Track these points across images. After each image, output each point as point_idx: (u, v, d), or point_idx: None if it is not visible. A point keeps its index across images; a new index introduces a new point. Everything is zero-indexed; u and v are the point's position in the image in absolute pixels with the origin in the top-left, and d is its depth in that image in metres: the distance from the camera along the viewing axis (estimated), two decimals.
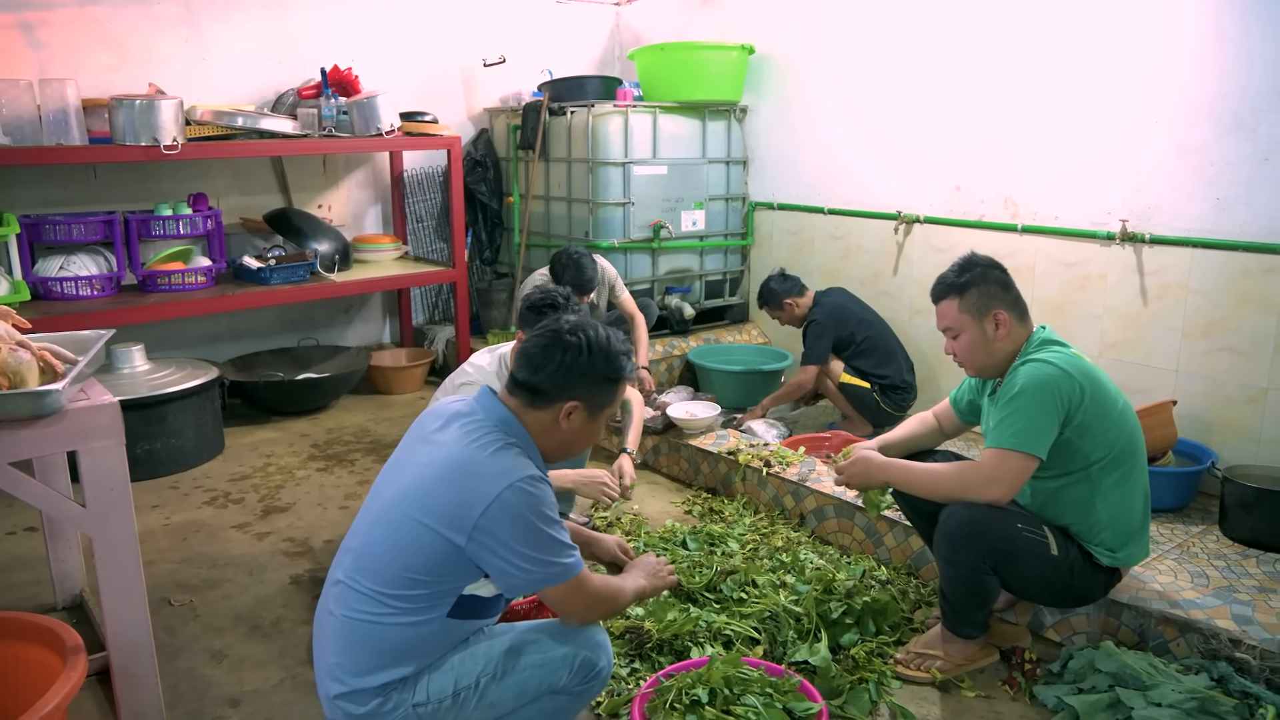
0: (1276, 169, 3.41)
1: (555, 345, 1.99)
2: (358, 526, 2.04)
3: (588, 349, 1.98)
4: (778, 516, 3.56)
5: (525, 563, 1.86)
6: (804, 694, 2.30)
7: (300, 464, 4.27)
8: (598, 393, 2.02)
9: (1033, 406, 2.36)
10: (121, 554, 2.30)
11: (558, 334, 2.01)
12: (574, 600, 1.97)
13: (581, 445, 2.10)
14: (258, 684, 2.65)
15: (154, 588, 3.17)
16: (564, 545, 1.92)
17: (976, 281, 2.51)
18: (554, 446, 2.05)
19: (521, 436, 1.99)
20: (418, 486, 1.93)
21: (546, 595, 1.95)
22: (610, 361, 2.01)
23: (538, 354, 1.99)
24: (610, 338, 2.04)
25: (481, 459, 1.90)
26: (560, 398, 1.98)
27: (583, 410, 2.01)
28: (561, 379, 1.97)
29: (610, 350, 2.02)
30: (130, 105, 4.16)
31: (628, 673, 2.58)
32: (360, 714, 1.95)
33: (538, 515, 1.87)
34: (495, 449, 1.92)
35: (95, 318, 4.17)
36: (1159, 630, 2.57)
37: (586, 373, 1.98)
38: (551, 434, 2.02)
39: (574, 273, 4.04)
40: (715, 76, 5.06)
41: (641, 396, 3.62)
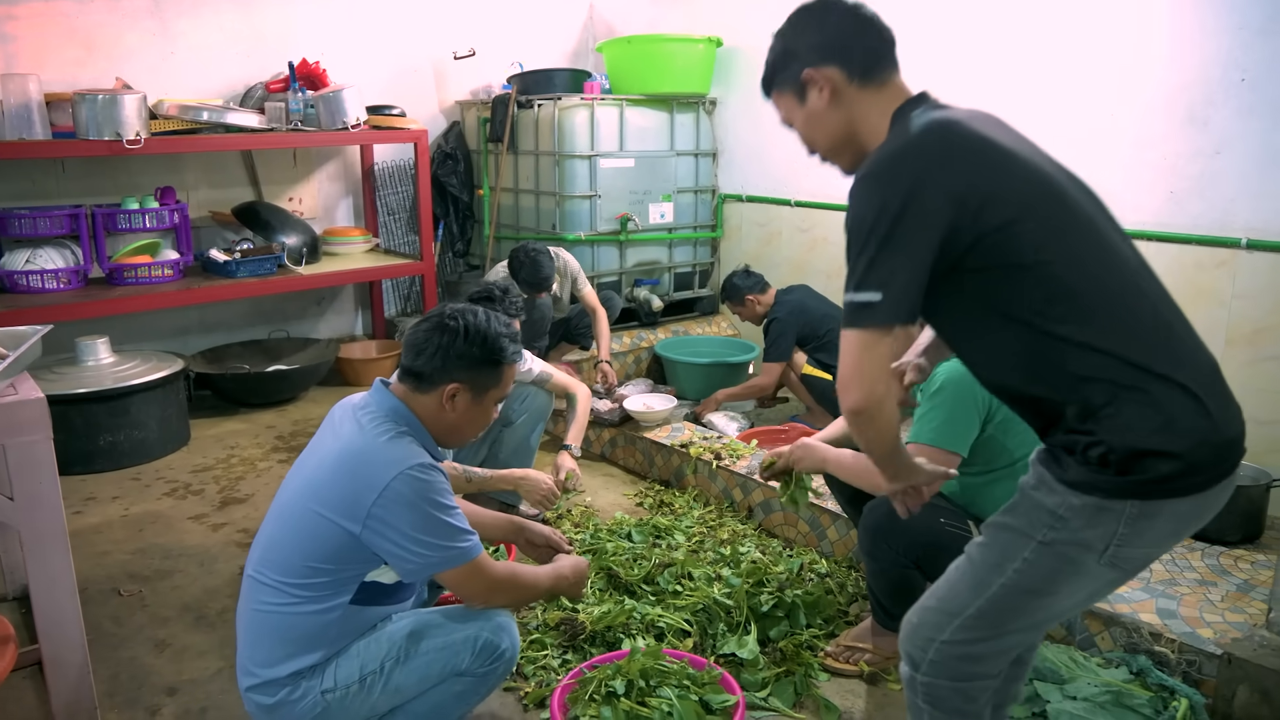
0: (1228, 162, 3.41)
1: (435, 330, 2.04)
2: (265, 521, 2.07)
3: (465, 332, 2.02)
4: (726, 509, 3.58)
5: (420, 548, 1.91)
6: (723, 686, 2.32)
7: (263, 456, 4.30)
8: (479, 375, 2.05)
9: (953, 403, 2.37)
10: (50, 546, 2.31)
11: (439, 319, 2.06)
12: (472, 584, 2.01)
13: (473, 428, 2.13)
14: (196, 673, 2.68)
15: (106, 578, 3.21)
16: (459, 530, 1.96)
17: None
18: (444, 431, 2.09)
19: (413, 424, 2.03)
20: (315, 478, 1.98)
21: (445, 579, 1.99)
22: (488, 344, 2.05)
23: (419, 339, 2.05)
24: (491, 320, 2.08)
25: (373, 448, 1.94)
26: (441, 381, 2.03)
27: (466, 393, 2.05)
28: (440, 362, 2.02)
29: (488, 333, 2.05)
30: (93, 100, 4.18)
31: (559, 664, 2.60)
32: (270, 704, 1.99)
33: (429, 501, 1.91)
34: (388, 438, 1.96)
35: (62, 310, 4.21)
36: (1085, 624, 2.58)
37: (464, 355, 2.02)
38: (440, 418, 2.06)
39: (530, 270, 4.06)
40: (682, 69, 5.06)
41: (588, 390, 3.63)
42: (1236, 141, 3.37)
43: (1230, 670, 2.25)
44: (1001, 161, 1.58)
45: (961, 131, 1.59)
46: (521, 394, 3.50)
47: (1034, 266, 1.53)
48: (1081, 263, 1.55)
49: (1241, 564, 2.94)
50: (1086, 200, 1.64)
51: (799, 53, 1.76)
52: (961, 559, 1.71)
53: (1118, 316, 1.54)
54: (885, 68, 1.74)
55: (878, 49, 1.74)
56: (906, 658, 1.74)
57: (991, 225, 1.52)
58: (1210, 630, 2.44)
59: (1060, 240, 1.55)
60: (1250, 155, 3.35)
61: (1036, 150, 1.67)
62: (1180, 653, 2.38)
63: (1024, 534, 1.59)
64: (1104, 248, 1.58)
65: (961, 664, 1.68)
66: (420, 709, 2.07)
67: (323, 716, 2.00)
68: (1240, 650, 2.25)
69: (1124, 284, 1.57)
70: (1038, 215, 1.54)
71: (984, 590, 1.63)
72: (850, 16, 1.74)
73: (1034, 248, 1.53)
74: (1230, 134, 3.38)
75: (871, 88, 1.73)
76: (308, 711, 1.98)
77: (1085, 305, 1.53)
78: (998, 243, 1.53)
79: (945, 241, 1.53)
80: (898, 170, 1.54)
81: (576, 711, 2.28)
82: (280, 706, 1.99)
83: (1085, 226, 1.58)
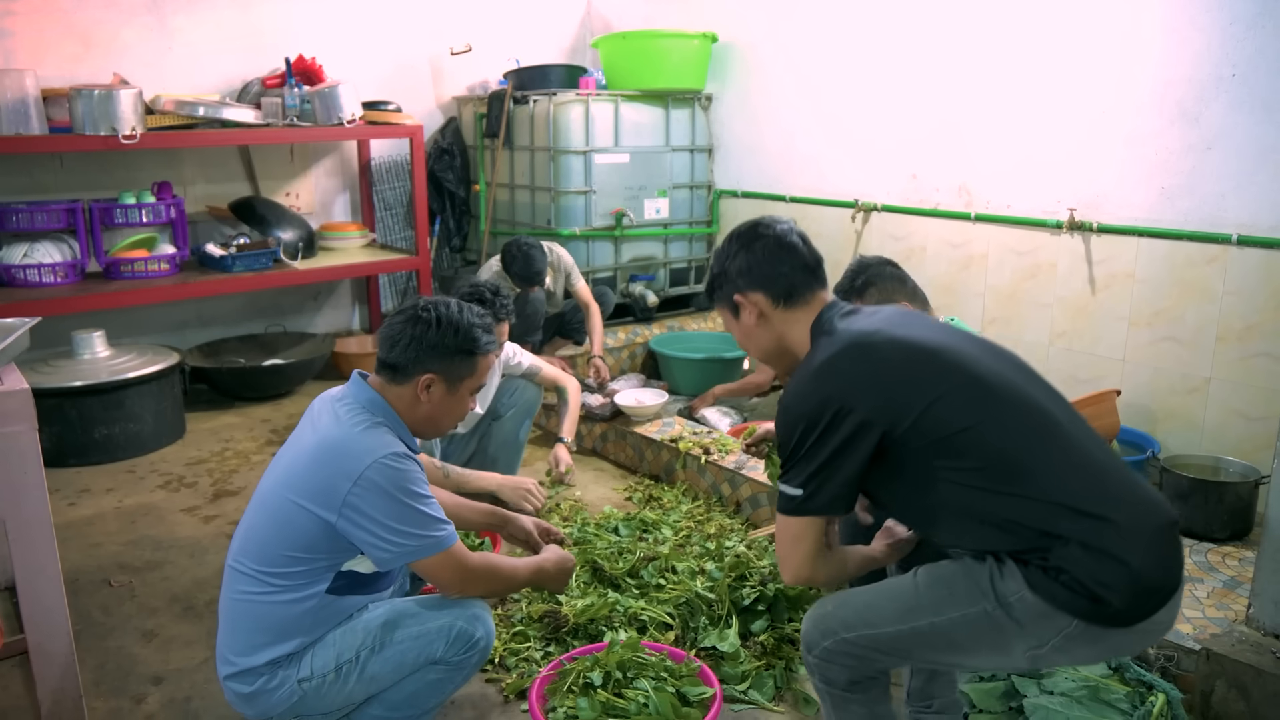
0: (1219, 158, 3.40)
1: (409, 322, 2.06)
2: (245, 511, 2.09)
3: (438, 323, 2.05)
4: (715, 504, 3.59)
5: (394, 536, 1.93)
6: (702, 679, 2.33)
7: (257, 449, 4.32)
8: (453, 365, 2.07)
9: None
10: (35, 536, 2.33)
11: (413, 311, 2.08)
12: (447, 573, 2.03)
13: (449, 419, 2.15)
14: (182, 663, 2.71)
15: (97, 569, 3.24)
16: (433, 519, 1.98)
17: (874, 280, 2.52)
18: (420, 421, 2.11)
19: (388, 415, 2.05)
20: (292, 469, 2.00)
21: (420, 568, 2.02)
22: (461, 334, 2.07)
23: (394, 332, 2.07)
24: (465, 312, 2.10)
25: (349, 438, 1.96)
26: (415, 372, 2.05)
27: (441, 383, 2.07)
28: (414, 353, 2.04)
29: (462, 324, 2.07)
30: (89, 95, 4.21)
31: (541, 655, 2.62)
32: (248, 693, 2.01)
33: (402, 491, 1.93)
34: (363, 428, 1.98)
35: (58, 304, 4.24)
36: None
37: (437, 346, 2.04)
38: (415, 409, 2.08)
39: (522, 264, 4.07)
40: (677, 65, 5.06)
41: (578, 384, 3.64)
42: (1227, 137, 3.36)
43: (1208, 665, 2.25)
44: (915, 358, 1.74)
45: (874, 343, 1.75)
46: (510, 388, 3.51)
47: (961, 437, 1.67)
48: (1006, 426, 1.68)
49: (1229, 560, 2.94)
50: (1007, 368, 1.78)
51: (730, 276, 1.92)
52: (904, 581, 1.79)
53: (1050, 467, 1.66)
54: (807, 291, 1.89)
55: (800, 276, 1.88)
56: (804, 639, 1.86)
57: (913, 416, 1.68)
58: (1190, 626, 2.45)
59: (983, 410, 1.69)
60: (1241, 151, 3.33)
61: (949, 332, 1.84)
62: (1159, 648, 2.38)
63: (972, 596, 1.70)
64: (1028, 408, 1.71)
65: (853, 660, 1.81)
66: (396, 697, 2.09)
67: (299, 705, 2.02)
68: (1218, 646, 2.25)
69: (1052, 436, 1.69)
70: (958, 395, 1.69)
71: (910, 621, 1.75)
72: (775, 246, 1.89)
73: (959, 424, 1.67)
74: (1221, 130, 3.37)
75: (795, 308, 1.88)
76: (284, 700, 2.01)
77: (1016, 462, 1.66)
78: (923, 428, 1.68)
79: (869, 443, 1.68)
80: (817, 393, 1.72)
81: (555, 703, 2.29)
82: (258, 695, 2.01)
83: (1005, 392, 1.72)
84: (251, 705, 2.03)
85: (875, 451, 1.69)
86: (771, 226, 1.91)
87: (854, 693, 1.84)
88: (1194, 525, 3.12)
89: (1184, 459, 3.31)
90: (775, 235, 1.89)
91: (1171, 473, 3.18)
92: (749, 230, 1.93)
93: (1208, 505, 3.10)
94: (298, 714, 2.05)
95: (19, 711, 2.51)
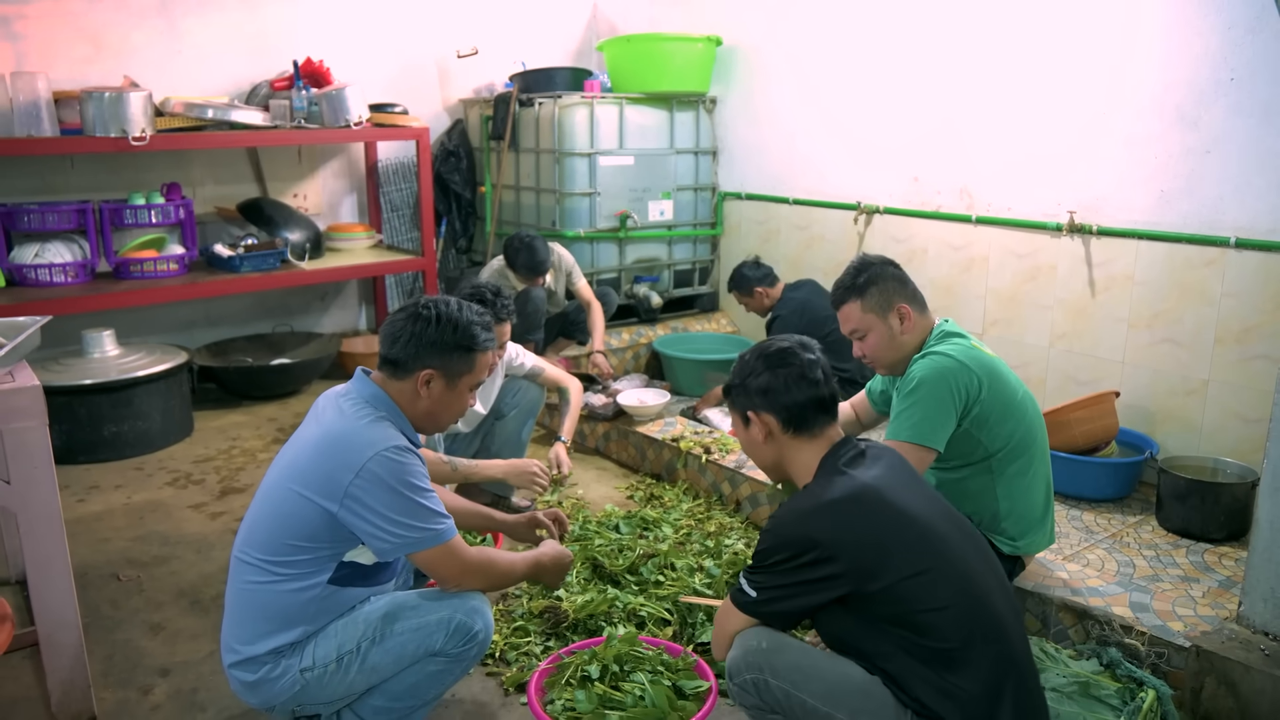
0: (1217, 162, 3.42)
1: (409, 319, 2.11)
2: (251, 504, 2.15)
3: (437, 320, 2.10)
4: (715, 503, 3.62)
5: (393, 527, 1.97)
6: (698, 673, 2.36)
7: (264, 447, 4.37)
8: (452, 361, 2.12)
9: (929, 400, 2.40)
10: (45, 529, 2.38)
11: (414, 308, 2.13)
12: (445, 566, 2.07)
13: (449, 414, 2.19)
14: (188, 655, 2.75)
15: (105, 564, 3.28)
16: (433, 512, 2.02)
17: (875, 279, 2.55)
18: (421, 416, 2.15)
19: (391, 409, 2.10)
20: (297, 461, 2.05)
21: (419, 560, 2.06)
22: (460, 331, 2.11)
23: (395, 328, 2.12)
24: (464, 310, 2.14)
25: (352, 431, 2.01)
26: (415, 367, 2.10)
27: (440, 379, 2.11)
28: (414, 349, 2.09)
29: (460, 321, 2.12)
30: (100, 97, 4.27)
31: (541, 650, 2.65)
32: (251, 681, 2.05)
33: (403, 483, 1.98)
34: (366, 421, 2.03)
35: (69, 303, 4.29)
36: (1059, 617, 2.61)
37: (436, 342, 2.09)
38: (416, 404, 2.13)
39: (526, 255, 4.12)
40: (681, 68, 5.11)
41: (580, 385, 3.68)
42: (1226, 141, 3.38)
43: (1198, 662, 2.27)
44: (905, 529, 1.84)
45: (872, 502, 1.85)
46: (513, 388, 3.55)
47: (927, 615, 1.80)
48: (968, 618, 1.81)
49: (1225, 561, 2.96)
50: (975, 555, 1.92)
51: (749, 391, 2.04)
52: (841, 666, 1.91)
53: (981, 672, 1.79)
54: (816, 425, 2.00)
55: (812, 412, 1.99)
56: (729, 665, 1.96)
57: (886, 582, 1.80)
58: (1181, 624, 2.47)
59: (954, 598, 1.81)
60: (1239, 155, 3.36)
61: (936, 503, 1.97)
62: (1150, 645, 2.40)
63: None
64: (990, 607, 1.84)
65: (769, 699, 1.91)
66: (397, 688, 2.13)
67: (301, 694, 2.06)
68: (1208, 643, 2.28)
69: (995, 640, 1.82)
70: (937, 576, 1.81)
71: (830, 707, 1.85)
72: (796, 378, 1.99)
73: (930, 604, 1.80)
74: (1220, 134, 3.39)
75: (802, 437, 2.00)
76: (287, 689, 2.05)
77: (964, 657, 1.79)
78: (894, 595, 1.81)
79: (834, 593, 1.83)
80: (807, 529, 1.85)
81: (553, 695, 2.33)
82: (261, 684, 2.05)
83: (977, 586, 1.85)
84: (255, 693, 2.07)
85: (838, 598, 1.84)
86: (798, 356, 2.02)
87: (770, 712, 1.95)
88: (1191, 526, 3.15)
89: (1182, 460, 3.34)
90: (800, 366, 2.00)
91: (1169, 474, 3.21)
92: (777, 354, 2.03)
93: (1205, 506, 3.13)
94: (300, 703, 2.10)
95: (29, 702, 2.56)
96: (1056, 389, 3.91)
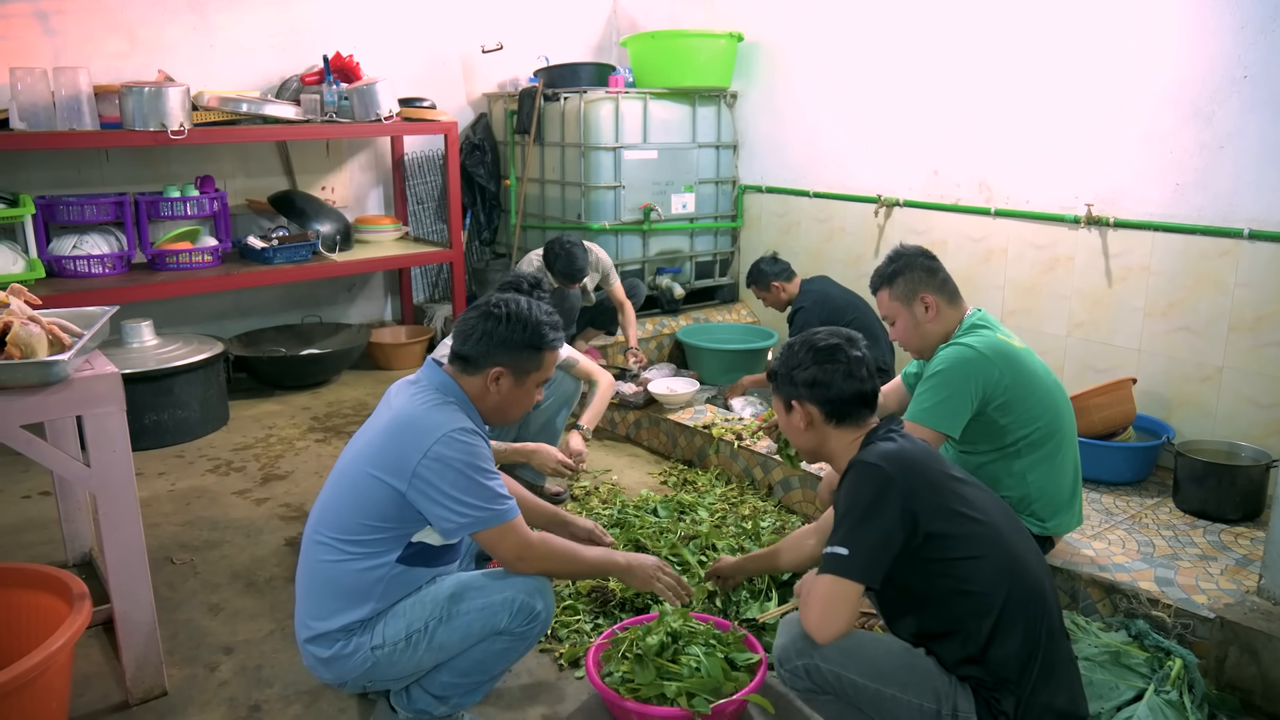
0: (1231, 156, 3.54)
1: (481, 316, 2.21)
2: (323, 488, 2.26)
3: (508, 319, 2.19)
4: (747, 487, 3.74)
5: (459, 506, 2.07)
6: (747, 646, 2.48)
7: (300, 435, 4.48)
8: (521, 359, 2.21)
9: (947, 385, 2.53)
10: (123, 510, 2.50)
11: (486, 306, 2.22)
12: (505, 545, 2.17)
13: (516, 409, 2.29)
14: (250, 634, 2.86)
15: (157, 548, 3.39)
16: (496, 494, 2.12)
17: (903, 269, 2.68)
18: (490, 410, 2.25)
19: (459, 397, 2.20)
20: (369, 444, 2.16)
21: (482, 539, 2.16)
22: (529, 330, 2.20)
23: (467, 326, 2.21)
24: (534, 309, 2.23)
25: (420, 413, 2.12)
26: (486, 364, 2.19)
27: (509, 375, 2.21)
28: (485, 346, 2.18)
29: (531, 320, 2.21)
30: (139, 92, 4.36)
31: (591, 627, 2.77)
32: (326, 657, 2.16)
33: (468, 464, 2.08)
34: (433, 405, 2.14)
35: (106, 295, 4.36)
36: (1087, 591, 2.73)
37: (506, 340, 2.18)
38: (485, 398, 2.23)
39: (565, 262, 4.21)
40: (704, 63, 5.20)
41: (611, 379, 3.76)
42: (1239, 136, 3.49)
43: (1222, 632, 2.40)
44: (939, 475, 2.00)
45: (917, 455, 2.01)
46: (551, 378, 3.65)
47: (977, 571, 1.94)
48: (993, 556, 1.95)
49: (1241, 540, 3.08)
50: (993, 504, 2.07)
51: (795, 382, 2.14)
52: (887, 643, 2.05)
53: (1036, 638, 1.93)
54: (858, 418, 2.12)
55: (855, 406, 2.11)
56: (779, 652, 2.07)
57: (933, 524, 1.93)
58: (1204, 596, 2.60)
59: (973, 533, 1.96)
60: (1252, 149, 3.47)
61: (962, 471, 2.11)
62: (1176, 617, 2.53)
63: (936, 694, 1.95)
64: (1005, 543, 1.98)
65: (818, 683, 2.01)
66: (463, 665, 2.23)
67: (373, 671, 2.17)
68: (1231, 614, 2.40)
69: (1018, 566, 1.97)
70: (960, 512, 1.96)
71: (878, 683, 1.95)
72: (844, 375, 2.10)
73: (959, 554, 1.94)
74: (1233, 129, 3.51)
75: (843, 428, 2.12)
76: (359, 665, 2.15)
77: (988, 570, 1.93)
78: (932, 538, 1.94)
79: (903, 527, 1.93)
80: (877, 471, 1.96)
81: (610, 668, 2.43)
82: (335, 660, 2.16)
83: (995, 521, 2.00)
84: (329, 669, 2.18)
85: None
86: (846, 353, 2.10)
87: (822, 693, 2.04)
88: (1208, 507, 3.26)
89: (1198, 444, 3.45)
90: (847, 364, 2.10)
91: (1186, 457, 3.32)
92: (826, 349, 2.11)
93: (1221, 488, 3.24)
94: (370, 679, 2.20)
95: (100, 678, 2.67)
96: (1075, 376, 4.03)
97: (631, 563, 2.41)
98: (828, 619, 1.92)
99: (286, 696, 2.56)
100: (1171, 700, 2.26)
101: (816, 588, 1.95)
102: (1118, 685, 2.32)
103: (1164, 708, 2.24)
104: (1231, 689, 2.41)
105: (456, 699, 2.28)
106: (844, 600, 1.92)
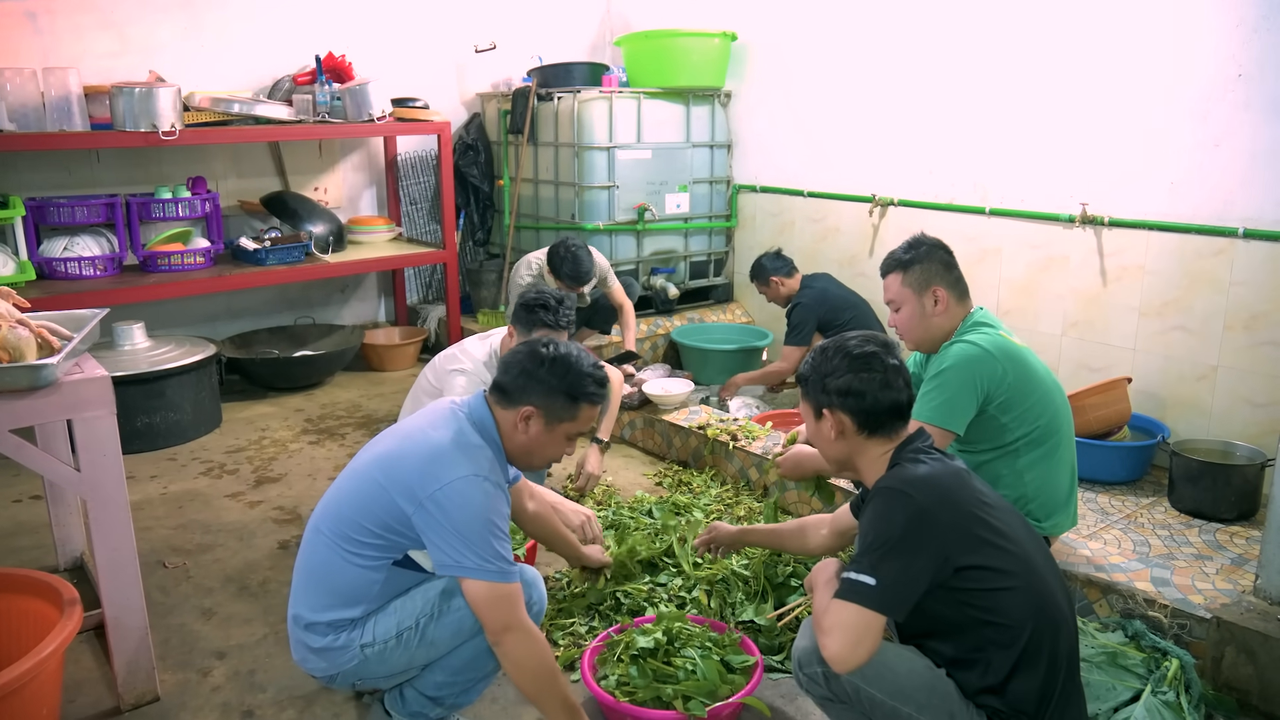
0: (1225, 155, 3.54)
1: (529, 354, 2.17)
2: (337, 479, 2.26)
3: (551, 362, 2.14)
4: (742, 488, 3.73)
5: (459, 545, 2.01)
6: (743, 648, 2.47)
7: (293, 437, 4.46)
8: (554, 404, 2.14)
9: (953, 384, 2.52)
10: (113, 514, 2.48)
11: (535, 344, 2.19)
12: (496, 608, 2.03)
13: (542, 456, 2.22)
14: (243, 639, 2.84)
15: (150, 551, 3.36)
16: (499, 552, 2.04)
17: (921, 259, 2.65)
18: (517, 449, 2.20)
19: (493, 441, 2.16)
20: (391, 453, 2.14)
21: (469, 592, 2.04)
22: (570, 377, 2.14)
23: (512, 357, 2.19)
24: (582, 358, 2.17)
25: (454, 449, 2.08)
26: (520, 400, 2.14)
27: (540, 419, 2.15)
28: (523, 381, 2.14)
29: (572, 367, 2.15)
30: (130, 92, 4.33)
31: (586, 630, 2.76)
32: (318, 647, 2.16)
33: (486, 510, 2.03)
34: (470, 446, 2.10)
35: (97, 297, 4.34)
36: (1084, 592, 2.73)
37: (543, 381, 2.13)
38: (514, 436, 2.18)
39: (571, 265, 4.18)
40: (698, 63, 5.19)
41: (621, 378, 3.74)
42: (1234, 135, 3.50)
43: (1219, 632, 2.40)
44: (973, 501, 1.94)
45: (952, 480, 1.95)
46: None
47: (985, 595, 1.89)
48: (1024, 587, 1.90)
49: (1237, 539, 3.08)
50: (1025, 532, 2.01)
51: (828, 389, 2.05)
52: (908, 659, 1.97)
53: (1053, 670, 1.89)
54: (890, 429, 2.04)
55: (888, 416, 2.03)
56: (798, 655, 2.02)
57: (963, 558, 1.88)
58: (1201, 596, 2.59)
59: (1004, 561, 1.90)
60: (1247, 148, 3.47)
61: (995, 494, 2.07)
62: (1172, 617, 2.53)
63: (952, 714, 1.91)
64: (1035, 574, 1.94)
65: (835, 689, 1.96)
66: (455, 662, 2.21)
67: (361, 668, 2.16)
68: (1228, 614, 2.40)
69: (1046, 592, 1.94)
70: (993, 543, 1.90)
71: (896, 701, 1.90)
72: (880, 386, 2.01)
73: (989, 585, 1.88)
74: (1228, 128, 3.51)
75: (875, 438, 2.04)
76: (348, 661, 2.15)
77: (1019, 601, 1.89)
78: (961, 577, 1.88)
79: (934, 558, 1.87)
80: (908, 500, 1.89)
81: (605, 671, 2.43)
82: (327, 651, 2.15)
83: (1025, 548, 1.95)
84: (320, 659, 2.16)
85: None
86: (883, 361, 2.02)
87: (838, 701, 1.99)
88: (1203, 506, 3.26)
89: (1193, 443, 3.45)
90: (884, 374, 2.02)
91: (1181, 456, 3.32)
92: (862, 357, 2.03)
93: (1216, 487, 3.24)
94: (360, 677, 2.19)
95: (92, 683, 2.65)
96: (1070, 376, 4.03)
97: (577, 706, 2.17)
98: (850, 650, 1.84)
99: (280, 701, 2.54)
100: (1168, 701, 2.26)
101: (840, 615, 1.87)
102: (1115, 686, 2.32)
103: (1161, 708, 2.24)
104: (1228, 689, 2.41)
105: (451, 699, 2.27)
106: (867, 631, 1.85)
